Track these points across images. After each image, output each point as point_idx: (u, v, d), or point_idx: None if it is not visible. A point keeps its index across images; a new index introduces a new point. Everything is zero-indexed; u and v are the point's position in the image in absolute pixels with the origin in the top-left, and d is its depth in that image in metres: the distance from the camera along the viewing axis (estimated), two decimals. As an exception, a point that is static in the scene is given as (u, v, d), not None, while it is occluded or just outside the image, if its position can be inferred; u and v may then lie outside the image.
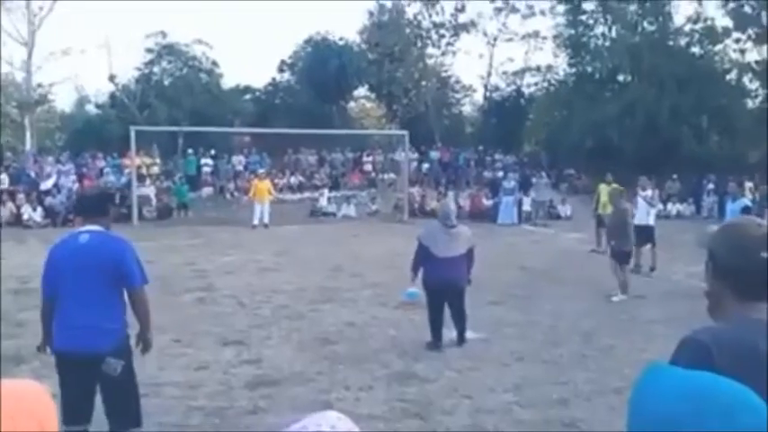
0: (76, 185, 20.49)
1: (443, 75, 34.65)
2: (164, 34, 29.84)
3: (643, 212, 12.18)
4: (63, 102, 33.95)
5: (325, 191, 23.29)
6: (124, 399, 3.75)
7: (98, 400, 3.79)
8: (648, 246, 11.93)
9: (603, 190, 14.38)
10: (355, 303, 9.01)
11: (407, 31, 32.09)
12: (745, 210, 10.84)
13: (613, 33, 29.03)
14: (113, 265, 3.62)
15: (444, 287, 6.86)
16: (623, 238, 9.73)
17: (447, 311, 7.04)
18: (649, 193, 12.65)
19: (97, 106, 32.02)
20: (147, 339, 3.94)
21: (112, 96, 30.34)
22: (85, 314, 3.61)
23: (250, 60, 52.26)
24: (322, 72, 30.35)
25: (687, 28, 28.60)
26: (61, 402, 3.64)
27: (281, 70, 33.68)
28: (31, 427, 1.05)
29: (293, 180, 25.17)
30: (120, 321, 3.74)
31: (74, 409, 3.60)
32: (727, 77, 28.26)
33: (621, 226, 9.83)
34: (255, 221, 18.30)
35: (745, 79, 27.88)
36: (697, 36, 28.37)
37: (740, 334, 1.62)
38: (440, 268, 6.77)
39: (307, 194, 23.85)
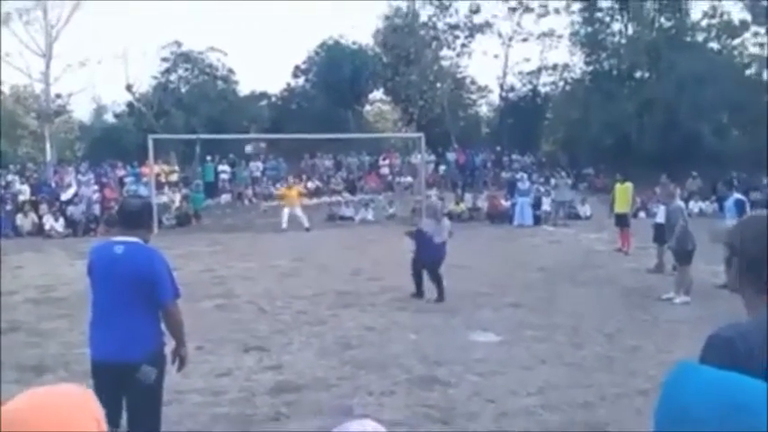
0: (97, 195, 20.68)
1: (458, 76, 34.52)
2: (178, 44, 30.12)
3: (662, 211, 12.09)
4: (81, 112, 34.29)
5: (347, 195, 23.35)
6: (150, 407, 3.75)
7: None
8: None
9: (618, 189, 14.31)
10: (375, 308, 8.98)
11: (422, 33, 32.06)
12: (739, 203, 10.70)
13: (630, 30, 28.82)
14: (145, 279, 3.62)
15: (436, 262, 9.26)
16: (682, 238, 9.39)
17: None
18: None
19: (115, 116, 32.33)
20: (182, 355, 3.93)
21: (130, 105, 30.62)
22: (119, 323, 3.63)
23: (265, 67, 52.50)
24: (337, 76, 30.42)
25: (704, 23, 28.35)
26: None
27: (295, 76, 33.80)
28: (92, 426, 1.13)
29: (310, 185, 25.21)
30: (155, 330, 3.74)
31: (106, 415, 3.63)
32: (747, 72, 27.94)
33: (676, 225, 9.48)
34: (284, 225, 18.63)
35: (765, 73, 27.53)
36: (715, 31, 28.08)
37: (766, 329, 1.58)
38: (434, 249, 9.25)
39: (324, 199, 23.88)
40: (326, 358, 6.65)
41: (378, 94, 35.07)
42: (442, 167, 27.69)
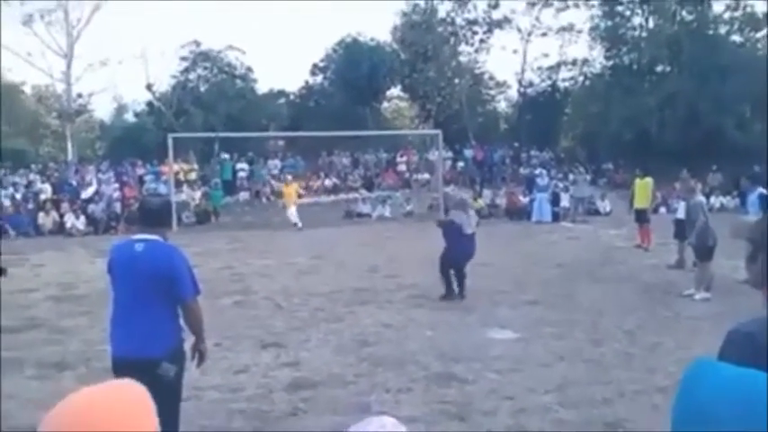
0: (117, 193, 20.89)
1: (477, 72, 34.41)
2: (197, 43, 30.34)
3: (684, 206, 11.96)
4: (102, 111, 34.77)
5: (364, 191, 23.39)
6: (169, 403, 3.77)
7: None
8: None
9: (638, 184, 14.17)
10: (392, 305, 8.97)
11: (440, 29, 31.96)
12: (763, 197, 10.54)
13: (651, 24, 28.51)
14: (165, 275, 3.66)
15: (466, 257, 9.15)
16: (702, 234, 9.28)
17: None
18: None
19: (135, 115, 32.67)
20: (201, 350, 3.98)
21: (150, 104, 30.90)
22: (140, 320, 3.67)
23: (283, 65, 52.71)
24: (354, 74, 30.44)
25: (726, 16, 27.94)
26: None
27: (313, 73, 33.89)
28: (151, 424, 1.13)
29: (328, 182, 25.28)
30: (175, 326, 3.78)
31: None
32: (771, 64, 27.49)
33: (697, 221, 9.38)
34: (299, 224, 18.72)
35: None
36: (737, 24, 27.68)
37: None
38: (465, 242, 9.07)
39: (341, 196, 23.93)
40: (343, 355, 6.65)
41: (395, 90, 35.10)
42: (460, 164, 27.61)
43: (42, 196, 20.26)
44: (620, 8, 29.21)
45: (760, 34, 27.65)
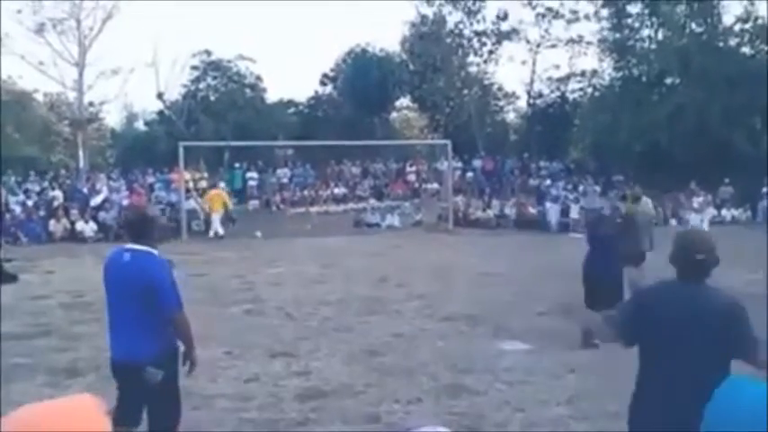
0: (127, 201, 20.98)
1: (486, 83, 34.39)
2: (208, 53, 30.54)
3: (696, 219, 11.94)
4: (113, 120, 34.99)
5: (373, 201, 23.43)
6: (163, 408, 3.85)
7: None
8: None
9: (629, 208, 14.11)
10: (402, 315, 8.96)
11: (448, 40, 32.03)
12: None
13: (660, 36, 28.48)
14: (147, 287, 3.73)
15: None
16: (637, 237, 9.41)
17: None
18: (700, 199, 12.41)
19: (146, 123, 32.88)
20: (192, 359, 4.04)
21: (160, 113, 31.08)
22: (127, 325, 3.78)
23: (292, 74, 52.99)
24: (363, 84, 30.53)
25: (737, 28, 27.85)
26: (115, 405, 3.81)
27: (322, 83, 34.02)
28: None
29: (337, 191, 25.33)
30: (162, 332, 3.83)
31: (123, 412, 3.73)
32: (781, 77, 27.39)
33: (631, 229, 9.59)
34: (211, 233, 18.65)
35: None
36: (747, 36, 27.60)
37: (670, 287, 2.84)
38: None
39: (351, 205, 23.95)
40: (354, 365, 6.65)
41: (404, 101, 35.14)
42: (469, 174, 27.60)
43: (54, 203, 20.36)
44: (629, 20, 29.20)
45: (771, 46, 27.56)
